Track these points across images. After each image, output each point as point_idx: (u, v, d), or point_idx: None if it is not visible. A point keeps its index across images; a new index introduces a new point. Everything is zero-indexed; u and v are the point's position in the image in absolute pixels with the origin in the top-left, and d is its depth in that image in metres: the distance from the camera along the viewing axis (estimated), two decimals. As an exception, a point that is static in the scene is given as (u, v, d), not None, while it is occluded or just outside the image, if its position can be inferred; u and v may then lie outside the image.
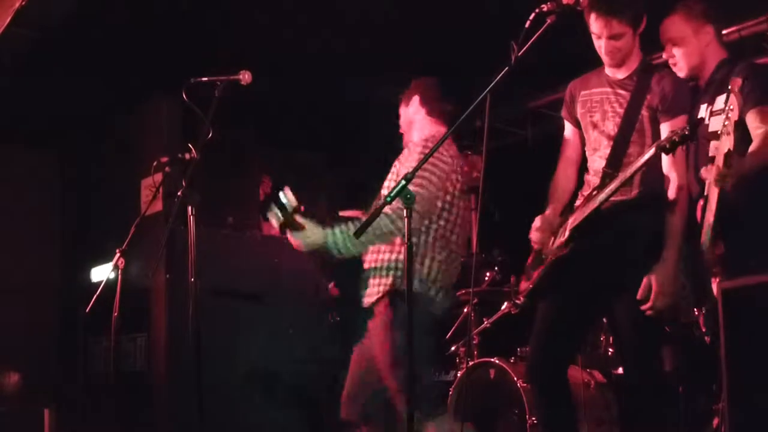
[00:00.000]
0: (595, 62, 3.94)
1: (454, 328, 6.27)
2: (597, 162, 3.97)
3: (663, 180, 3.73)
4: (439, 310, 4.17)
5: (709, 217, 3.29)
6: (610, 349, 4.94)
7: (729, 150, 3.08)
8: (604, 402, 4.87)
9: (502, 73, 3.19)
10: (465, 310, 6.11)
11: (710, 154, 3.46)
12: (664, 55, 3.91)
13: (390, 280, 4.06)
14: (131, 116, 7.62)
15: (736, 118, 3.13)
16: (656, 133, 3.78)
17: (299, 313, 6.59)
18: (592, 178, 4.00)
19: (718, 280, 3.34)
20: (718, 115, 3.52)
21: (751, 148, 3.39)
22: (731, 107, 3.12)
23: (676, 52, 3.83)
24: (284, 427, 6.29)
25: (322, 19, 6.11)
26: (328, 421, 6.37)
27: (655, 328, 3.85)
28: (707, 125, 3.65)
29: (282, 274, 6.66)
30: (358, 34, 6.21)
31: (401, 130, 4.50)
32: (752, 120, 3.49)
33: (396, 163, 4.26)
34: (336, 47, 6.40)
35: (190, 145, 3.84)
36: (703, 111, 3.73)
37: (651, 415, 3.72)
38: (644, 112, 3.80)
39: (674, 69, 3.86)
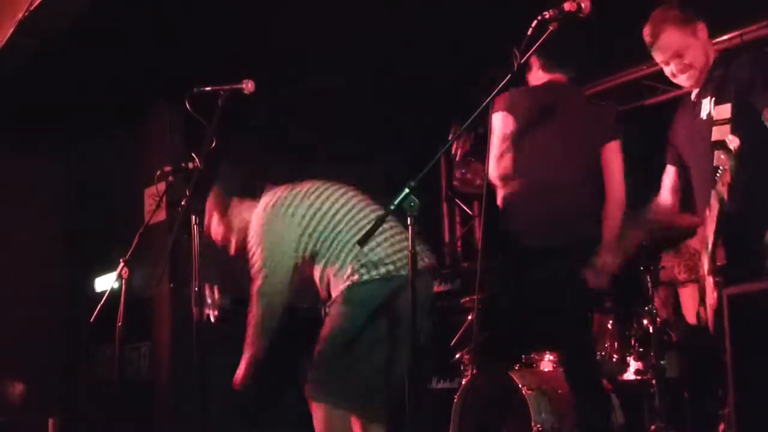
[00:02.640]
0: (598, 68, 3.93)
1: (458, 335, 6.26)
2: None
3: None
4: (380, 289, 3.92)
5: (710, 229, 3.30)
6: (615, 356, 4.94)
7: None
8: (609, 408, 4.85)
9: (505, 80, 3.19)
10: (469, 317, 6.10)
11: (715, 163, 3.41)
12: (675, 68, 3.83)
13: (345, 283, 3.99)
14: (134, 126, 7.63)
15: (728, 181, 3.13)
16: None
17: (303, 320, 6.59)
18: None
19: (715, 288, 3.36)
20: (722, 124, 3.45)
21: None
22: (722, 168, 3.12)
23: (686, 60, 3.77)
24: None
25: (326, 27, 6.12)
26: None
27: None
28: (711, 118, 3.52)
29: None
30: (361, 42, 6.22)
31: None
32: None
33: None
34: (339, 55, 6.41)
35: (193, 155, 3.84)
36: (706, 104, 3.64)
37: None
38: None
39: (687, 77, 3.79)
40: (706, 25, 3.73)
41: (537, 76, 4.55)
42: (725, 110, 3.41)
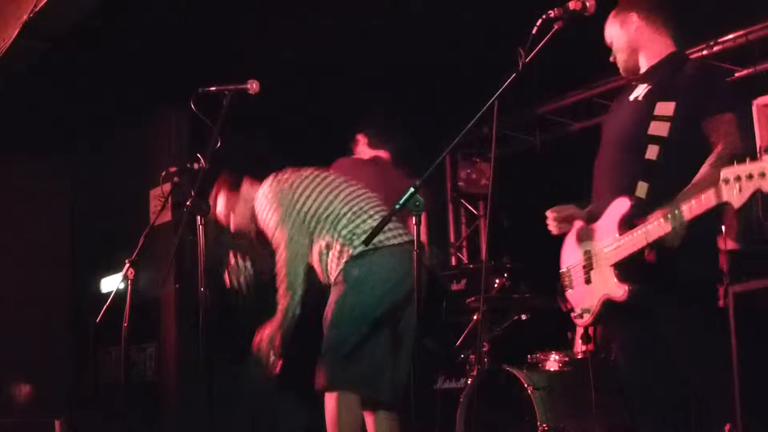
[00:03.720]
0: (604, 69, 3.90)
1: (464, 335, 6.26)
2: None
3: None
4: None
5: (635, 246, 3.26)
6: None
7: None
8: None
9: (510, 79, 3.18)
10: (475, 317, 6.11)
11: (647, 156, 3.39)
12: (611, 59, 3.81)
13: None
14: (140, 126, 7.65)
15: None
16: None
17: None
18: None
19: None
20: (663, 120, 3.41)
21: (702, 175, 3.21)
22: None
23: (615, 53, 3.72)
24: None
25: (331, 28, 6.12)
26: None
27: None
28: (637, 101, 3.50)
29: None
30: (366, 42, 6.22)
31: None
32: (715, 129, 3.32)
33: None
34: (344, 55, 6.41)
35: (198, 155, 3.84)
36: (639, 89, 3.55)
37: None
38: None
39: (621, 69, 3.73)
40: (641, 17, 3.62)
41: (364, 151, 5.24)
42: (668, 107, 3.38)
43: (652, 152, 3.36)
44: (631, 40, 3.64)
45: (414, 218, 3.06)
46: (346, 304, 4.01)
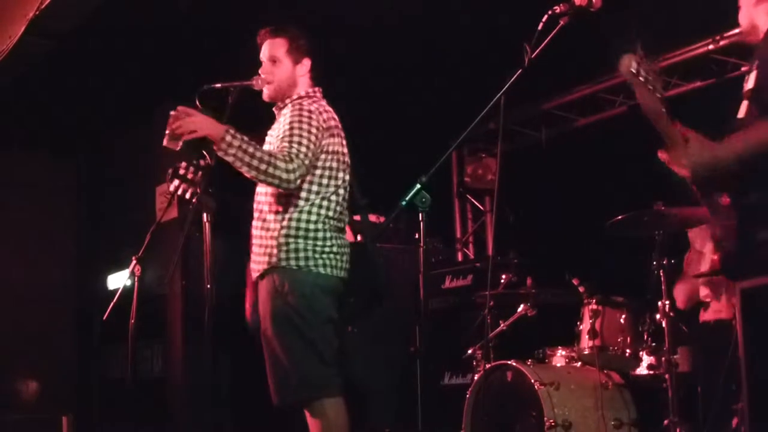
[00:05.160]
0: (609, 64, 3.88)
1: (470, 331, 6.25)
2: None
3: None
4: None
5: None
6: (628, 350, 4.93)
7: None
8: (622, 403, 4.84)
9: (516, 75, 3.18)
10: (482, 312, 6.10)
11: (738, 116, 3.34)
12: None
13: (267, 258, 3.83)
14: (146, 123, 7.66)
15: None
16: None
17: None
18: None
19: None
20: (752, 72, 3.32)
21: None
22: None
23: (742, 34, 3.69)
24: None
25: (334, 24, 6.12)
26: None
27: None
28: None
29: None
30: (371, 37, 6.21)
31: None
32: None
33: None
34: (346, 50, 6.40)
35: (204, 152, 3.84)
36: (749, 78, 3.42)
37: None
38: None
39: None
40: None
41: None
42: (758, 54, 3.32)
43: (741, 110, 3.28)
44: (754, 13, 3.58)
45: (420, 215, 3.05)
46: (293, 311, 3.75)
